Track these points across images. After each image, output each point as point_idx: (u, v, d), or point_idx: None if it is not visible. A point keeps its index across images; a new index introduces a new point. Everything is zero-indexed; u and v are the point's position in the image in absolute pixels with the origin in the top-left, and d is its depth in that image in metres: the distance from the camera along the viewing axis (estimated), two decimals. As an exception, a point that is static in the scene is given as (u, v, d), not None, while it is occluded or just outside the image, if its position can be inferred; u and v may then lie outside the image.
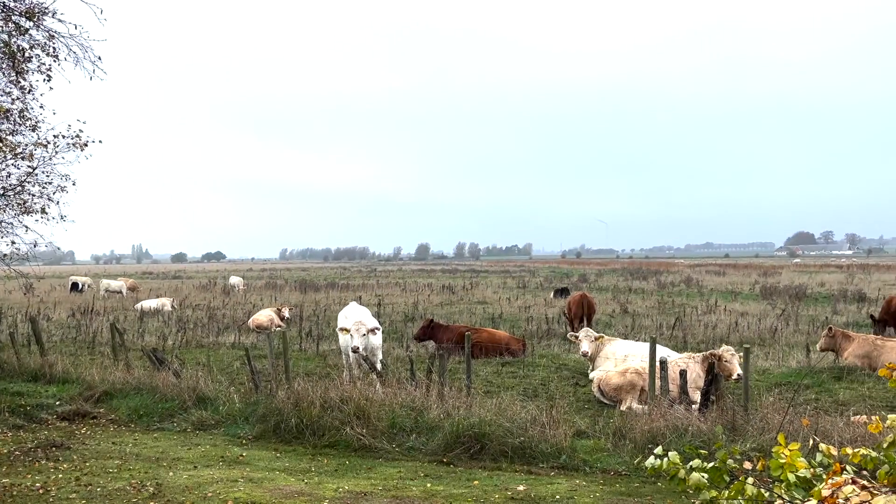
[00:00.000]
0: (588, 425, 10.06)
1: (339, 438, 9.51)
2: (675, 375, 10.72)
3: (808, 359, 15.18)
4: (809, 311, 27.35)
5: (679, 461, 4.94)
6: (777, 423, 8.34)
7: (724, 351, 11.69)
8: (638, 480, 7.85)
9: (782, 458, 5.09)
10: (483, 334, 17.50)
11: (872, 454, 5.10)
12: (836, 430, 8.16)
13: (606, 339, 14.14)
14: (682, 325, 21.78)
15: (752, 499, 4.52)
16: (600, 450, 9.01)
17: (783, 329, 21.22)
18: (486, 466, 8.55)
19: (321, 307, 31.16)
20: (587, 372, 13.89)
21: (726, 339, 17.79)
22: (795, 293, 35.73)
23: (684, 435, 8.66)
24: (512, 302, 34.87)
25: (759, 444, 8.16)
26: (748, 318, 24.49)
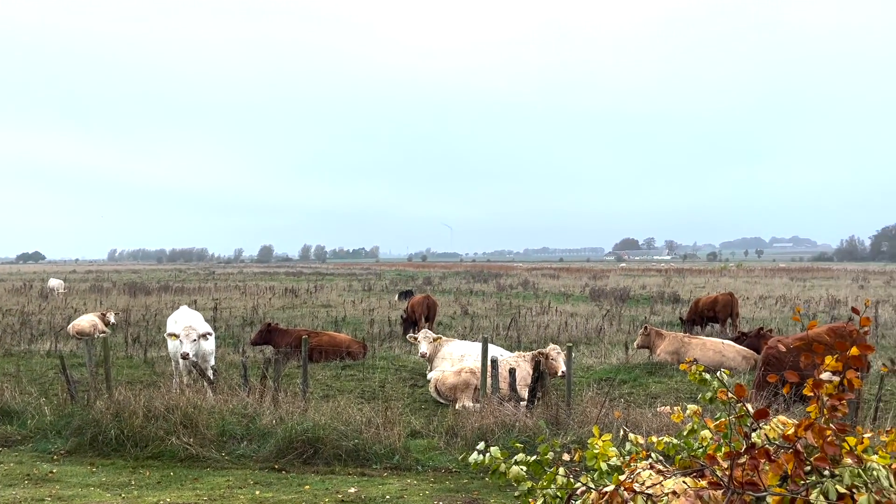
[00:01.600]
0: (423, 425, 10.26)
1: (164, 449, 9.05)
2: (505, 374, 11.19)
3: (626, 355, 16.40)
4: (631, 312, 29.53)
5: (500, 456, 5.18)
6: (595, 417, 8.95)
7: (551, 349, 12.36)
8: (467, 477, 8.12)
9: (596, 449, 5.49)
10: (324, 338, 17.34)
11: (675, 441, 5.62)
12: (646, 421, 8.88)
13: (444, 339, 14.48)
14: (517, 326, 22.76)
15: (563, 487, 4.83)
16: (433, 448, 9.22)
17: (607, 328, 22.77)
18: (319, 471, 8.49)
19: (151, 312, 29.43)
20: (426, 373, 14.15)
21: (556, 339, 18.81)
22: (620, 295, 38.42)
23: (512, 430, 9.06)
24: (357, 305, 34.78)
25: (578, 436, 8.72)
26: (577, 319, 26.03)
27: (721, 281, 55.55)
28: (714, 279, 59.54)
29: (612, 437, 5.76)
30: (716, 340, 15.93)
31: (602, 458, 5.31)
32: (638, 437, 5.85)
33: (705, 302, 22.17)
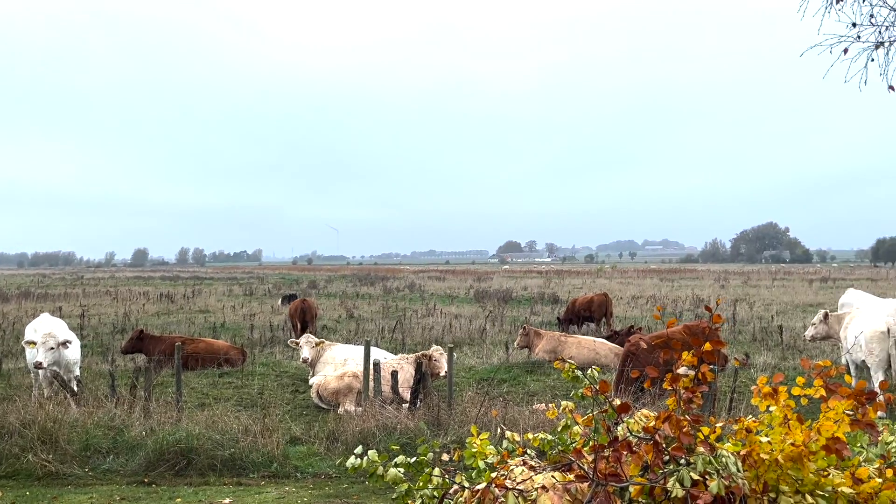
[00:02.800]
0: (304, 431, 10.08)
1: (20, 467, 8.41)
2: (388, 376, 11.19)
3: (507, 355, 16.81)
4: (513, 313, 30.28)
5: (378, 459, 5.18)
6: (474, 416, 9.11)
7: (434, 351, 12.48)
8: (347, 482, 8.05)
9: (474, 448, 5.59)
10: (200, 344, 16.68)
11: (549, 437, 5.81)
12: (523, 419, 9.13)
13: (327, 344, 14.29)
14: (403, 328, 22.81)
15: (439, 487, 4.89)
16: (313, 454, 9.07)
17: (490, 329, 23.24)
18: (192, 482, 8.15)
19: (10, 320, 27.24)
20: (308, 378, 13.91)
21: (440, 340, 19.00)
22: (503, 296, 39.32)
23: (393, 433, 9.07)
24: (237, 310, 33.68)
25: (459, 436, 8.84)
26: (461, 320, 26.40)
27: (597, 282, 58.01)
28: (591, 280, 62.10)
29: (489, 435, 5.89)
30: (590, 339, 16.62)
31: (480, 457, 5.43)
32: (514, 434, 6.02)
33: (581, 302, 23.08)
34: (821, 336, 13.10)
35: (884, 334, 10.75)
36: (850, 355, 11.76)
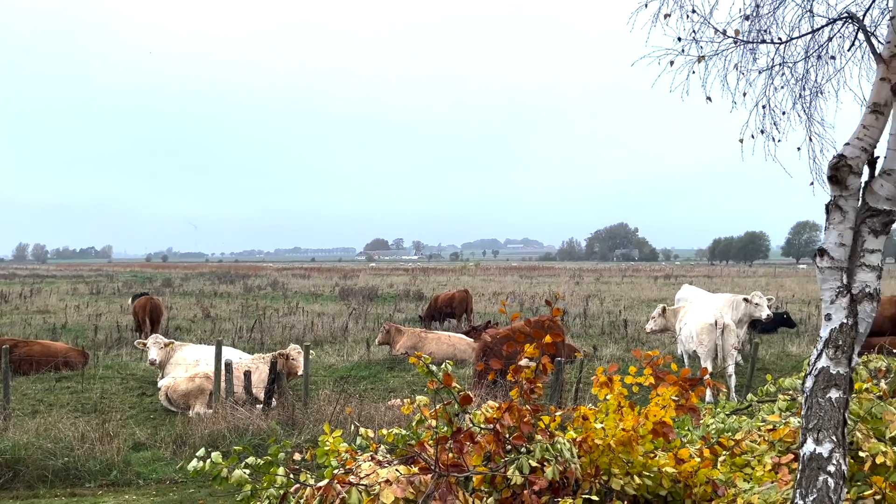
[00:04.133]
0: (149, 436, 9.58)
1: None
2: (242, 377, 10.85)
3: (368, 352, 16.79)
4: (378, 310, 30.28)
5: (221, 461, 5.01)
6: (330, 414, 9.03)
7: (292, 350, 12.23)
8: (194, 486, 7.73)
9: (327, 446, 5.52)
10: (35, 347, 15.42)
11: (403, 433, 5.84)
12: (379, 415, 9.15)
13: (178, 344, 13.64)
14: (262, 327, 22.20)
15: (282, 487, 4.81)
16: (159, 460, 8.65)
17: (353, 327, 23.11)
18: (19, 495, 7.52)
19: None
20: (157, 380, 13.22)
21: (301, 339, 18.66)
22: (368, 294, 39.25)
23: (245, 434, 8.82)
24: (81, 310, 31.40)
25: (313, 434, 8.72)
26: (324, 318, 26.06)
27: (461, 279, 59.19)
28: (455, 277, 63.27)
29: (342, 433, 5.85)
30: (450, 334, 16.95)
31: (332, 455, 5.38)
32: (368, 431, 6.02)
33: (443, 299, 23.47)
34: (659, 328, 14.09)
35: (712, 326, 11.72)
36: (684, 346, 12.73)
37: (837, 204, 3.74)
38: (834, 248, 3.73)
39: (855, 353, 3.67)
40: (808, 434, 3.65)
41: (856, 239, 3.72)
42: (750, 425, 6.07)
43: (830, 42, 4.40)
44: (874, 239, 3.70)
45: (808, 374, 3.77)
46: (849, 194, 3.73)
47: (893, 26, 3.80)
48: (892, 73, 3.70)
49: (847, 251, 3.72)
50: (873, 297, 3.68)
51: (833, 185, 3.76)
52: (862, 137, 3.75)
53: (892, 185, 3.63)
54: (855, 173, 3.72)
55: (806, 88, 4.48)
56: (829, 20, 4.22)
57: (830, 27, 4.27)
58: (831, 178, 3.75)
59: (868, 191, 3.71)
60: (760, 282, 49.19)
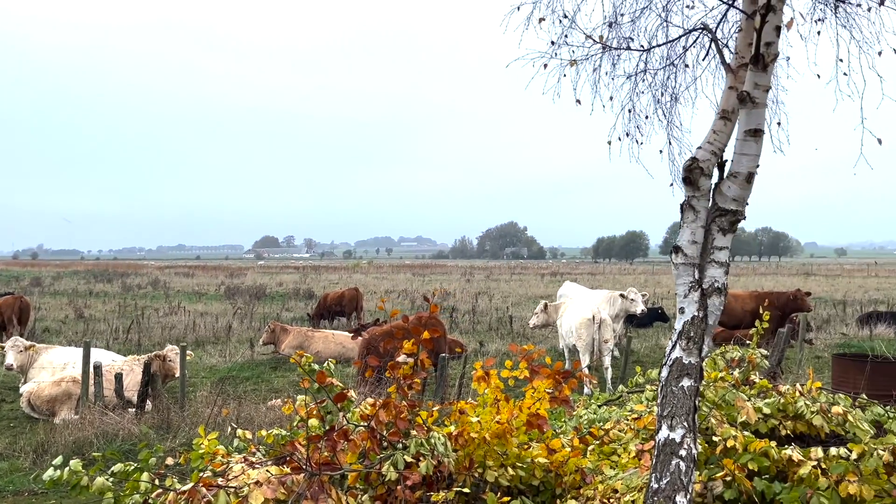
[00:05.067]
0: (7, 445, 8.92)
1: None
2: (113, 380, 10.30)
3: (252, 352, 16.35)
4: (265, 309, 29.53)
5: (81, 469, 4.73)
6: (207, 416, 8.72)
7: (169, 351, 11.72)
8: (55, 497, 7.26)
9: (201, 449, 5.32)
10: None
11: (283, 433, 5.72)
12: (259, 416, 8.92)
13: (42, 347, 12.76)
14: (140, 328, 21.16)
15: (147, 492, 4.60)
16: (17, 470, 8.05)
17: (238, 326, 22.43)
18: None
19: None
20: (19, 385, 12.32)
21: (182, 340, 17.93)
22: (256, 293, 38.19)
23: (115, 440, 8.38)
24: (-67, 311, 28.81)
25: (189, 438, 8.39)
26: (208, 318, 25.14)
27: (354, 277, 58.71)
28: (348, 275, 62.69)
29: (218, 435, 5.66)
30: (338, 333, 16.77)
31: (207, 458, 5.20)
32: (246, 432, 5.86)
33: (333, 297, 23.20)
34: (542, 324, 14.52)
35: (590, 321, 12.20)
36: (565, 340, 13.18)
37: (691, 204, 3.98)
38: (687, 246, 3.96)
39: (705, 343, 3.91)
40: (663, 421, 3.86)
41: (706, 237, 3.96)
42: (619, 415, 6.36)
43: (687, 52, 4.67)
44: (723, 237, 3.95)
45: (664, 365, 3.99)
46: (701, 195, 3.97)
47: (741, 39, 4.07)
48: (740, 82, 3.96)
49: (699, 248, 3.96)
50: (721, 292, 3.94)
51: (687, 185, 3.99)
52: (712, 142, 4.00)
53: (737, 187, 3.89)
54: (706, 175, 3.96)
55: (665, 94, 4.74)
56: (686, 31, 4.48)
57: (686, 37, 4.53)
58: (685, 179, 3.98)
59: (717, 192, 3.96)
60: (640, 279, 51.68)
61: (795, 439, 5.37)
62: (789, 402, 5.49)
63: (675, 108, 4.90)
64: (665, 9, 4.41)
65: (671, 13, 4.42)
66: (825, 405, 5.38)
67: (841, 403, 5.58)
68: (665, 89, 4.86)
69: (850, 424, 5.26)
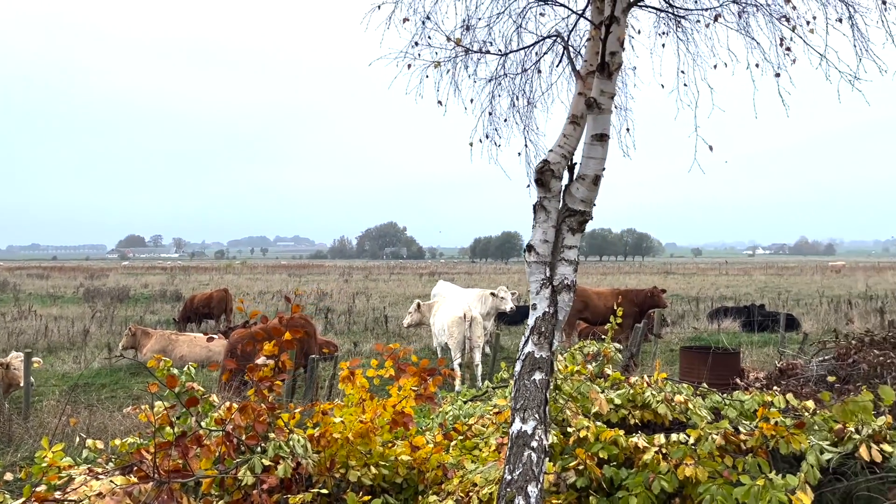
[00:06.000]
0: None
1: None
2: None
3: (110, 358, 15.43)
4: (128, 312, 27.92)
5: None
6: (55, 427, 8.14)
7: (13, 358, 10.84)
8: None
9: (45, 461, 4.95)
10: None
11: (140, 441, 5.41)
12: (114, 424, 8.43)
13: None
14: (-18, 334, 19.44)
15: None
16: None
17: (96, 331, 21.11)
18: None
19: None
20: None
21: (31, 346, 16.65)
22: (118, 295, 36.06)
23: (-55, 457, 7.64)
24: None
25: (33, 451, 7.81)
26: (63, 322, 23.47)
27: (226, 278, 56.70)
28: (219, 276, 60.44)
29: (65, 446, 5.29)
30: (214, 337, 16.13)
31: (53, 471, 4.85)
32: (97, 442, 5.51)
33: (200, 299, 22.29)
34: (415, 323, 14.63)
35: (461, 319, 12.42)
36: (437, 339, 13.35)
37: (542, 204, 4.13)
38: (539, 245, 4.11)
39: (555, 338, 4.07)
40: (516, 414, 3.99)
41: (557, 236, 4.13)
42: (482, 410, 6.50)
43: (543, 58, 4.85)
44: (572, 236, 4.13)
45: (518, 359, 4.12)
46: (552, 196, 4.13)
47: (589, 48, 4.27)
48: (588, 89, 4.16)
49: (550, 247, 4.12)
50: (570, 288, 4.11)
51: (539, 187, 4.15)
52: (563, 145, 4.17)
53: (585, 189, 4.08)
54: (557, 177, 4.13)
55: (522, 99, 4.90)
56: (540, 38, 4.65)
57: (541, 44, 4.71)
58: (537, 181, 4.13)
59: (567, 193, 4.14)
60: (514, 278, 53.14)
61: (643, 427, 5.69)
62: (638, 392, 5.81)
63: (531, 112, 5.07)
64: (520, 15, 4.55)
65: (526, 20, 4.57)
66: (669, 394, 5.74)
67: (684, 392, 5.98)
68: (522, 93, 5.03)
69: (691, 412, 5.64)
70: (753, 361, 11.95)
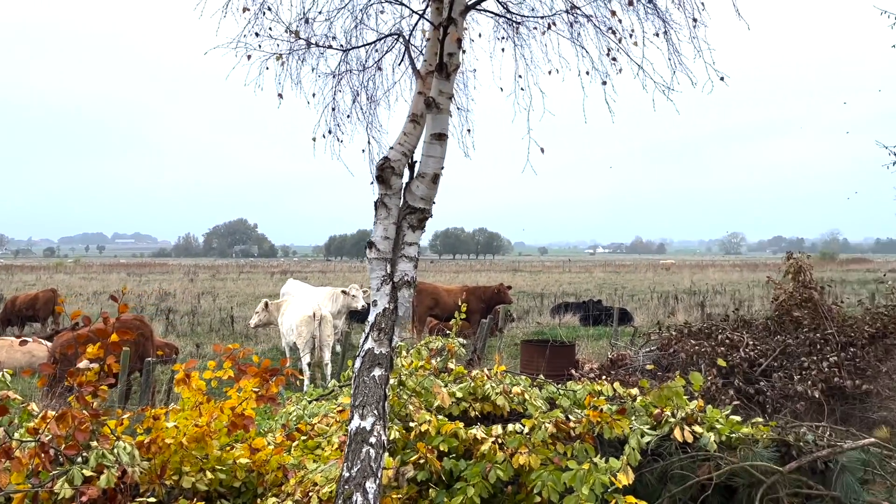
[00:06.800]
0: None
1: None
2: None
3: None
4: (-65, 316, 25.02)
5: None
6: None
7: None
8: None
9: None
10: None
11: None
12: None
13: None
14: None
15: None
16: None
17: None
18: None
19: None
20: None
21: None
22: (-77, 297, 32.23)
23: None
24: None
25: None
26: None
27: (56, 277, 52.30)
28: (48, 276, 55.64)
29: None
30: (27, 340, 14.80)
31: None
32: None
33: (23, 300, 20.41)
34: (263, 323, 14.22)
35: (310, 318, 12.23)
36: (286, 339, 13.06)
37: (383, 201, 4.15)
38: (380, 241, 4.13)
39: (395, 334, 4.11)
40: (355, 410, 3.98)
41: (398, 233, 4.17)
42: (327, 409, 6.45)
43: (385, 56, 4.87)
44: (412, 233, 4.18)
45: (357, 356, 4.12)
46: (392, 193, 4.17)
47: (429, 48, 4.35)
48: (428, 88, 4.23)
49: (391, 244, 4.15)
50: (411, 285, 4.17)
51: (380, 184, 4.16)
52: (403, 143, 4.22)
53: (425, 187, 4.15)
54: (397, 175, 4.17)
55: (364, 96, 4.90)
56: (381, 35, 4.67)
57: (384, 42, 4.73)
58: (378, 177, 4.14)
59: (408, 191, 4.19)
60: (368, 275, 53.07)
61: (484, 419, 5.88)
62: (479, 385, 5.99)
63: (375, 109, 5.08)
64: (362, 12, 4.55)
65: (367, 16, 4.58)
66: (507, 386, 5.97)
67: (521, 384, 6.25)
68: (365, 90, 5.03)
69: (528, 402, 5.90)
70: (589, 353, 12.70)
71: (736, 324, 8.88)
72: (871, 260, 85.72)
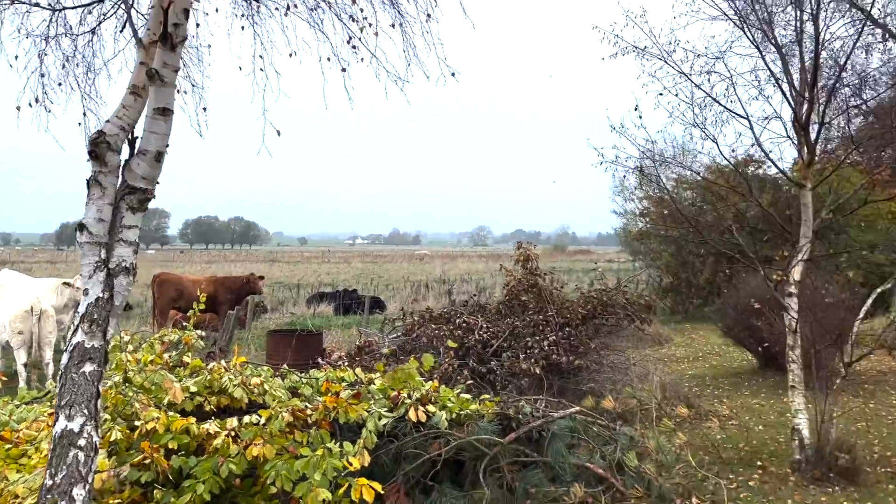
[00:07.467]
0: None
1: None
2: None
3: None
4: None
5: None
6: None
7: None
8: None
9: None
10: None
11: None
12: None
13: None
14: None
15: None
16: None
17: None
18: None
19: None
20: None
21: None
22: None
23: None
24: None
25: None
26: None
27: None
28: None
29: None
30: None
31: None
32: None
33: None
34: (-34, 320, 12.30)
35: (27, 313, 10.84)
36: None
37: (98, 180, 3.78)
38: (93, 224, 3.75)
39: (110, 326, 3.77)
40: (62, 411, 3.59)
41: (115, 215, 3.82)
42: (38, 413, 5.76)
43: (104, 21, 4.44)
44: (132, 215, 3.86)
45: (65, 351, 3.72)
46: (109, 170, 3.80)
47: (153, 16, 4.03)
48: (150, 59, 3.92)
49: (107, 227, 3.79)
50: (130, 272, 3.84)
51: (94, 160, 3.78)
52: (122, 116, 3.87)
53: (147, 165, 3.85)
54: (114, 150, 3.81)
55: (79, 63, 4.43)
56: (98, -2, 4.25)
57: (101, 5, 4.30)
58: (91, 153, 3.76)
59: (127, 169, 3.85)
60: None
61: (221, 413, 5.64)
62: (216, 378, 5.74)
63: (94, 79, 4.62)
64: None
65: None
66: (247, 378, 5.79)
67: (262, 375, 6.09)
68: (83, 57, 4.54)
69: (268, 393, 5.76)
70: (339, 341, 12.79)
71: (472, 308, 9.48)
72: (593, 251, 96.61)
